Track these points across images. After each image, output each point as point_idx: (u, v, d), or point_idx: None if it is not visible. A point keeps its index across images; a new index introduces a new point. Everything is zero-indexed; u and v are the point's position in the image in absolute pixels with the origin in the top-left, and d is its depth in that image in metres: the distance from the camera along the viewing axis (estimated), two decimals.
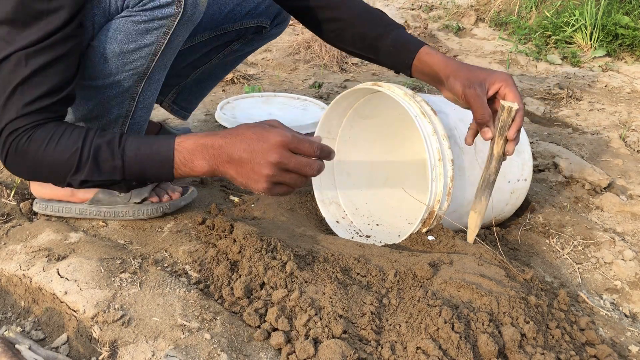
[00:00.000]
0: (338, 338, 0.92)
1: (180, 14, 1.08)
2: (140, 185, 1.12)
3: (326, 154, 1.00)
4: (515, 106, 1.10)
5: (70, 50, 1.01)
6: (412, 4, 4.38)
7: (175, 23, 1.09)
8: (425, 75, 1.24)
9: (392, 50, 1.26)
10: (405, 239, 1.26)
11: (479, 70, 1.16)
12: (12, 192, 1.35)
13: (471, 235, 1.22)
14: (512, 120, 1.11)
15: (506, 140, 1.13)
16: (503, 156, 1.16)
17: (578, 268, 1.31)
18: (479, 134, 1.17)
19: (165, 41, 1.11)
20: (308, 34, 3.22)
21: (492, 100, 1.15)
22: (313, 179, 1.49)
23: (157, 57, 1.13)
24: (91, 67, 1.10)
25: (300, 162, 0.97)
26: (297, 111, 2.20)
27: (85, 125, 1.18)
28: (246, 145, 0.97)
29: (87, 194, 1.28)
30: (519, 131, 1.12)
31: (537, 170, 1.78)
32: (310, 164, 0.97)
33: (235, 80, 2.60)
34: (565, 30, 3.42)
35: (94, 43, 1.09)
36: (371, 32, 1.28)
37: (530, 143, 1.96)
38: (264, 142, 0.97)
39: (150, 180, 1.10)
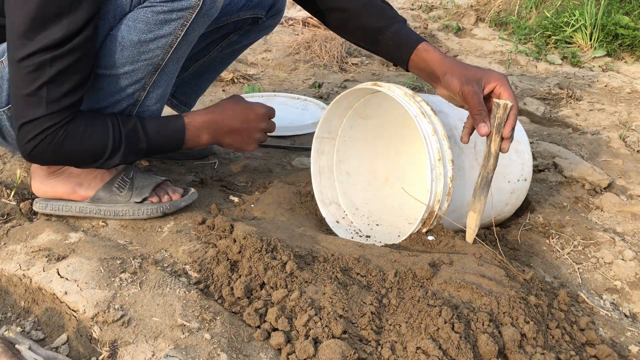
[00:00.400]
0: (338, 338, 0.92)
1: (199, 6, 1.12)
2: (133, 159, 1.24)
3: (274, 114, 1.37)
4: (510, 103, 1.12)
5: (88, 51, 1.08)
6: (412, 4, 4.38)
7: (194, 15, 1.12)
8: (421, 71, 1.27)
9: (390, 44, 1.29)
10: (405, 239, 1.26)
11: (475, 69, 1.18)
12: (12, 192, 1.35)
13: (470, 235, 1.22)
14: (507, 118, 1.12)
15: (502, 138, 1.14)
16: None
17: (578, 268, 1.31)
18: (474, 132, 1.18)
19: (182, 33, 1.14)
20: (308, 34, 3.22)
21: (486, 98, 1.17)
22: (313, 179, 1.49)
23: (172, 49, 1.16)
24: (108, 56, 1.13)
25: (273, 125, 1.36)
26: (297, 111, 2.20)
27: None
28: (241, 117, 1.29)
29: (88, 192, 1.28)
30: (513, 129, 1.15)
31: (537, 170, 1.78)
32: (273, 122, 1.36)
33: (235, 80, 2.60)
34: (565, 30, 3.42)
35: (113, 32, 1.12)
36: (373, 25, 1.31)
37: (530, 143, 1.96)
38: (253, 113, 1.31)
39: (159, 153, 1.29)
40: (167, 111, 2.08)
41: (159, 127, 1.22)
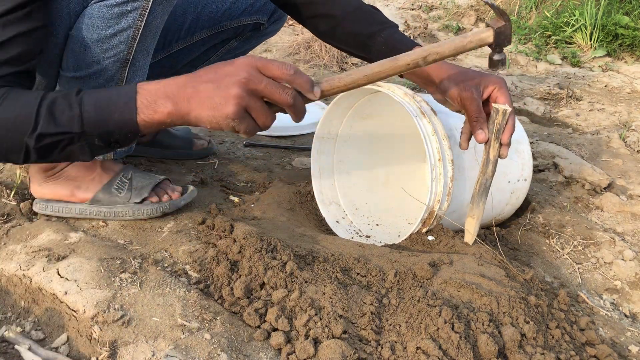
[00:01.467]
0: (338, 338, 0.92)
1: None
2: (106, 149, 0.96)
3: (303, 82, 0.89)
4: (509, 109, 1.11)
5: (37, 27, 0.97)
6: (412, 4, 4.37)
7: (150, 3, 1.08)
8: (416, 76, 1.24)
9: (383, 49, 1.25)
10: (405, 239, 1.26)
11: (472, 73, 1.17)
12: (12, 192, 1.35)
13: (470, 239, 1.22)
14: (506, 123, 1.12)
15: (500, 144, 1.14)
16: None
17: (578, 268, 1.31)
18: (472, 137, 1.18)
19: (143, 23, 1.10)
20: (308, 34, 3.22)
21: (484, 103, 1.15)
22: (313, 179, 1.49)
23: (136, 42, 1.12)
24: (73, 57, 1.10)
25: (271, 84, 0.87)
26: None
27: None
28: (212, 73, 0.90)
29: (87, 194, 1.28)
30: (512, 134, 1.14)
31: (537, 170, 1.78)
32: (284, 88, 0.88)
33: None
34: (565, 30, 3.42)
35: (72, 32, 1.09)
36: (363, 30, 1.27)
37: (530, 143, 1.96)
38: (230, 65, 0.89)
39: (113, 136, 0.92)
40: None
41: (100, 92, 0.93)
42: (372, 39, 1.26)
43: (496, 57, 1.07)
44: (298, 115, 0.91)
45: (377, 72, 0.95)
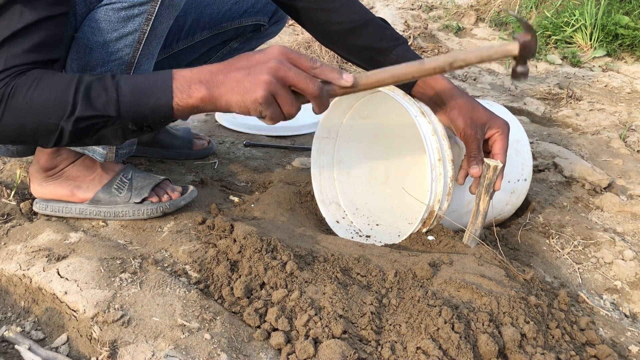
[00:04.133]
0: (338, 338, 0.92)
1: None
2: (138, 132, 0.98)
3: (330, 71, 0.94)
4: (500, 165, 1.16)
5: (61, 14, 0.98)
6: (412, 4, 4.37)
7: (157, 8, 1.08)
8: (425, 97, 1.25)
9: None
10: (405, 239, 1.26)
11: (482, 111, 1.19)
12: (12, 192, 1.35)
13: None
14: (496, 178, 1.17)
15: (491, 196, 1.18)
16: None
17: (578, 268, 1.31)
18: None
19: (149, 28, 1.10)
20: (308, 34, 3.22)
21: (485, 141, 1.20)
22: (313, 179, 1.49)
23: (142, 46, 1.12)
24: (78, 60, 1.10)
25: (300, 73, 0.92)
26: None
27: None
28: (243, 61, 0.94)
29: (87, 194, 1.28)
30: (501, 184, 1.18)
31: (537, 170, 1.78)
32: (311, 78, 0.93)
33: None
34: (565, 30, 3.42)
35: (78, 34, 1.09)
36: (374, 45, 1.26)
37: (530, 143, 1.96)
38: (261, 54, 0.94)
39: (147, 120, 0.95)
40: None
41: (136, 78, 0.95)
42: (382, 55, 1.26)
43: (519, 69, 1.09)
44: (321, 107, 0.96)
45: (404, 72, 0.99)
